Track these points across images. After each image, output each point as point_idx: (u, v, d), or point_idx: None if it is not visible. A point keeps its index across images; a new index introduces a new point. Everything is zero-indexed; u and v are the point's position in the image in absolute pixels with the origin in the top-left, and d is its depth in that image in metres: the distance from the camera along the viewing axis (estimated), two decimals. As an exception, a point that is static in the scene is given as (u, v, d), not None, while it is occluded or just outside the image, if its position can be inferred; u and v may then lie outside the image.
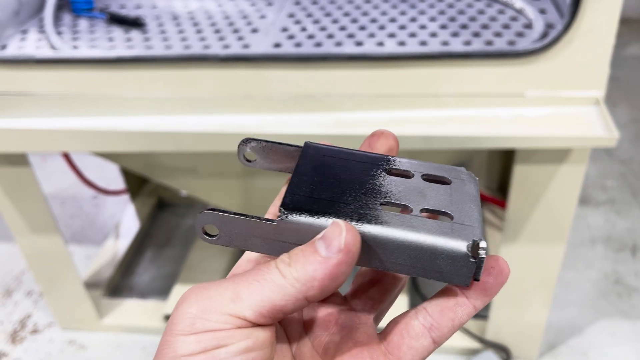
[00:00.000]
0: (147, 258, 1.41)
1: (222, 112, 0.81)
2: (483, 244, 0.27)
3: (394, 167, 0.32)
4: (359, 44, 0.79)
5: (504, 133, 0.76)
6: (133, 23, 0.89)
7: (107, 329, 1.20)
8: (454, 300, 0.29)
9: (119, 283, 1.33)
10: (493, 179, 1.42)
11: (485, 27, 0.81)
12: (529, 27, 0.81)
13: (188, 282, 1.24)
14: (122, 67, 0.79)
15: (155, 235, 1.47)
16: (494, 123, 0.77)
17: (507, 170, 1.32)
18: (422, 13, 0.86)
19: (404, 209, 0.30)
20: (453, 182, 0.31)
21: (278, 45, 0.81)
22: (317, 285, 0.26)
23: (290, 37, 0.83)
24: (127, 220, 1.48)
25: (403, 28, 0.83)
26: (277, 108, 0.80)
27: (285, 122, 0.80)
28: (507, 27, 0.81)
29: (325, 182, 0.30)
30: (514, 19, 0.83)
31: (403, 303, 1.14)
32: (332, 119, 0.80)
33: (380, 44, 0.79)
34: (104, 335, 1.20)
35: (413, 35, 0.81)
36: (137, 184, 1.53)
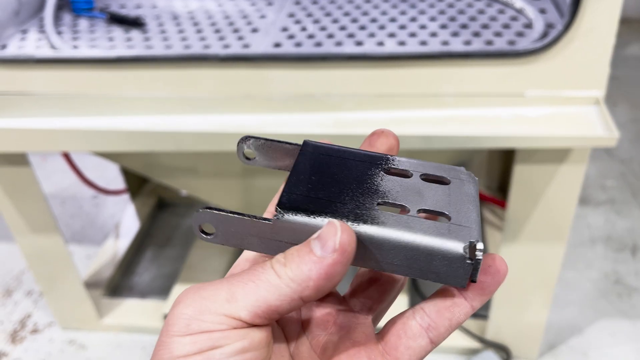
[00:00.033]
0: (147, 258, 1.41)
1: (222, 112, 0.81)
2: (480, 246, 0.27)
3: (393, 166, 0.32)
4: (359, 44, 0.79)
5: (504, 133, 0.76)
6: (133, 23, 0.89)
7: (107, 329, 1.20)
8: (451, 300, 0.29)
9: (119, 283, 1.33)
10: (493, 179, 1.42)
11: (486, 26, 0.81)
12: (529, 26, 0.81)
13: (188, 281, 1.24)
14: (122, 67, 0.79)
15: (155, 235, 1.47)
16: (494, 123, 0.77)
17: (507, 170, 1.32)
18: (422, 13, 0.86)
19: (402, 209, 0.29)
20: (452, 182, 0.31)
21: (278, 45, 0.81)
22: (312, 285, 0.26)
23: (291, 36, 0.83)
24: (127, 220, 1.48)
25: (403, 28, 0.83)
26: (277, 108, 0.80)
27: (286, 122, 0.80)
28: (507, 26, 0.81)
29: (323, 181, 0.30)
30: (514, 19, 0.83)
31: (403, 303, 1.14)
32: (332, 119, 0.79)
33: (381, 44, 0.79)
34: (104, 335, 1.20)
35: (413, 35, 0.81)
36: (137, 184, 1.53)
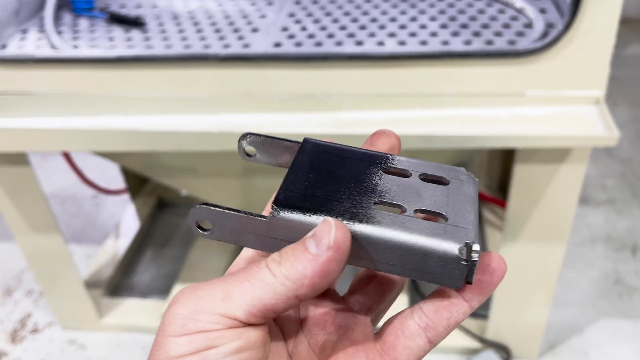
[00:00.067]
0: (147, 257, 1.41)
1: (222, 111, 0.81)
2: (476, 247, 0.27)
3: (392, 165, 0.31)
4: (359, 44, 0.79)
5: (505, 132, 0.76)
6: (133, 22, 0.89)
7: (107, 329, 1.20)
8: (450, 300, 0.29)
9: (119, 282, 1.33)
10: (493, 179, 1.41)
11: (486, 26, 0.81)
12: (529, 26, 0.81)
13: (188, 281, 1.24)
14: (122, 66, 0.79)
15: (156, 235, 1.47)
16: (494, 122, 0.77)
17: (507, 170, 1.32)
18: (422, 12, 0.86)
19: (399, 209, 0.29)
20: (451, 182, 0.31)
21: (278, 45, 0.81)
22: (307, 283, 0.26)
23: (291, 36, 0.83)
24: (127, 220, 1.48)
25: (403, 27, 0.83)
26: (277, 107, 0.80)
27: (286, 121, 0.80)
28: (507, 26, 0.81)
29: (321, 179, 0.30)
30: (514, 19, 0.83)
31: (403, 302, 1.14)
32: (332, 119, 0.79)
33: (381, 44, 0.79)
34: (104, 335, 1.20)
35: (413, 35, 0.81)
36: (137, 184, 1.53)
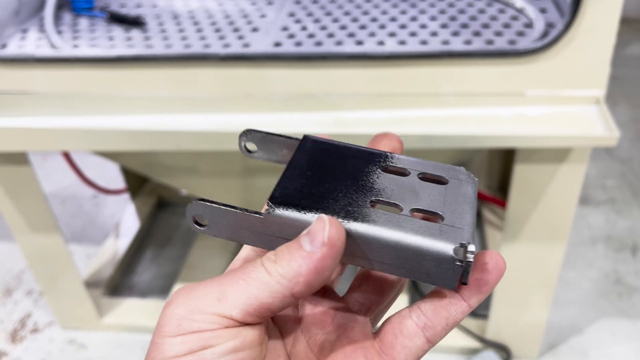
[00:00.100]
0: (147, 257, 1.41)
1: (222, 111, 0.81)
2: (471, 247, 0.26)
3: (391, 164, 0.31)
4: (359, 43, 0.79)
5: (505, 132, 0.76)
6: (133, 22, 0.89)
7: (107, 328, 1.20)
8: (448, 299, 0.29)
9: (119, 282, 1.33)
10: (493, 179, 1.41)
11: (486, 26, 0.81)
12: (530, 26, 0.81)
13: (188, 281, 1.24)
14: (122, 66, 0.79)
15: (156, 235, 1.47)
16: (495, 122, 0.77)
17: (507, 170, 1.32)
18: (422, 12, 0.86)
19: (395, 208, 0.29)
20: (450, 182, 0.31)
21: (278, 45, 0.81)
22: (302, 281, 0.26)
23: (291, 36, 0.83)
24: (127, 220, 1.48)
25: (403, 27, 0.83)
26: (277, 107, 0.80)
27: (286, 121, 0.80)
28: (507, 26, 0.81)
29: (318, 176, 0.30)
30: (515, 18, 0.83)
31: (403, 302, 1.14)
32: (332, 118, 0.79)
33: (381, 43, 0.79)
34: (104, 335, 1.20)
35: (413, 35, 0.81)
36: (137, 183, 1.53)
